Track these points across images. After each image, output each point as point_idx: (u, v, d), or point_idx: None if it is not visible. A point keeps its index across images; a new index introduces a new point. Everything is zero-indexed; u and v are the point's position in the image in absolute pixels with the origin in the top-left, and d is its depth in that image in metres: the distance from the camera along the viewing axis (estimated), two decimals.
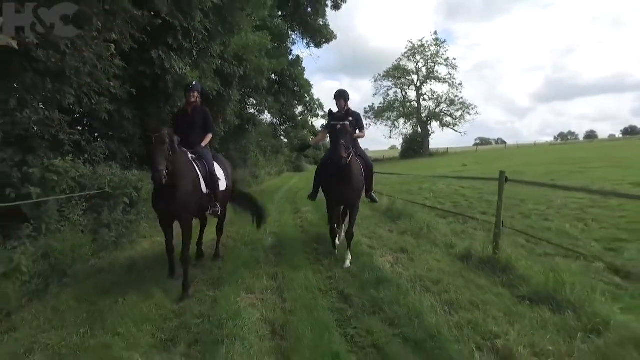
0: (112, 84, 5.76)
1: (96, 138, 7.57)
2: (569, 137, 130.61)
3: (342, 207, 5.96)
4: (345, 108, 5.54)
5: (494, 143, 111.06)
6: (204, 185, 4.87)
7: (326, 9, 18.78)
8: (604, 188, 10.21)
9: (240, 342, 3.12)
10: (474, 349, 2.87)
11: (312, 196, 5.97)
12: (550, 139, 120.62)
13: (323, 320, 3.49)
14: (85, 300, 4.16)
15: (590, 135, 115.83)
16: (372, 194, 5.93)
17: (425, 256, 5.24)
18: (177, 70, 7.57)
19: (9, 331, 3.42)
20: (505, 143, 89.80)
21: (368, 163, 5.77)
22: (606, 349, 2.66)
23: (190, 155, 4.79)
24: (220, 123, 11.92)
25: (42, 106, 4.91)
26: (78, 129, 6.91)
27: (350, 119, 5.05)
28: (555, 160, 24.12)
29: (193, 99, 5.19)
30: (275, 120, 20.21)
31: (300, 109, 19.78)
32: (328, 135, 5.24)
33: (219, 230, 5.96)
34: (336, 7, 19.32)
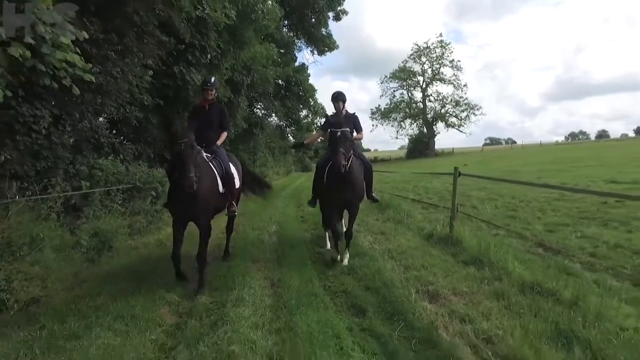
0: (144, 97, 7.07)
1: (123, 141, 8.90)
2: (580, 137, 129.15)
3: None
4: (343, 110, 5.60)
5: (504, 143, 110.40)
6: (221, 185, 4.83)
7: (328, 20, 20.06)
8: (577, 185, 11.26)
9: (248, 289, 4.33)
10: (413, 291, 4.05)
11: (312, 203, 5.93)
12: (561, 138, 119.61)
13: (309, 277, 4.71)
14: (130, 266, 5.44)
15: (602, 135, 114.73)
16: (373, 194, 5.88)
17: (399, 237, 6.42)
18: (196, 81, 8.87)
19: (81, 283, 4.70)
20: (515, 142, 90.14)
21: (367, 164, 5.67)
22: (499, 288, 3.83)
23: (205, 155, 4.75)
24: (230, 126, 13.23)
25: (91, 116, 6.18)
26: (113, 133, 8.24)
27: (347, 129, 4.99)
28: (552, 159, 24.93)
29: (210, 96, 5.14)
30: (282, 123, 21.51)
31: (304, 112, 21.07)
32: (328, 139, 5.16)
33: (229, 229, 5.87)
34: (337, 18, 20.64)
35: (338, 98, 5.57)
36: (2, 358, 2.95)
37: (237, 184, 5.37)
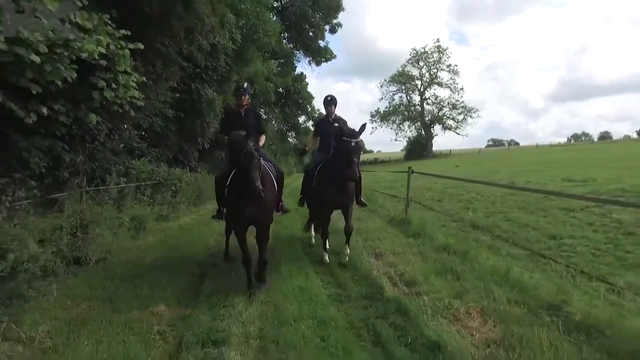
0: (168, 111, 8.90)
1: (148, 146, 10.74)
2: (583, 138, 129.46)
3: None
4: (333, 114, 5.92)
5: (506, 144, 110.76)
6: (276, 186, 4.87)
7: (325, 32, 21.97)
8: (537, 183, 12.95)
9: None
10: (365, 253, 5.78)
11: (302, 202, 6.36)
12: (564, 140, 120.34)
13: (295, 247, 6.46)
14: (162, 242, 7.22)
15: (604, 136, 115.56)
16: (362, 198, 6.04)
17: (369, 221, 8.17)
18: (208, 96, 10.69)
19: (130, 250, 6.48)
20: (518, 144, 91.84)
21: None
22: (423, 249, 5.58)
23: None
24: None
25: (130, 128, 8.01)
26: (139, 139, 10.07)
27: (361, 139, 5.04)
28: (539, 161, 26.51)
29: (244, 102, 5.29)
30: (282, 127, 23.40)
31: (303, 117, 23.00)
32: (338, 148, 5.03)
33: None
34: (333, 31, 22.56)
35: (331, 102, 5.91)
36: (98, 284, 4.72)
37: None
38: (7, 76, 3.45)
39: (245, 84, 5.62)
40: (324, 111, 6.19)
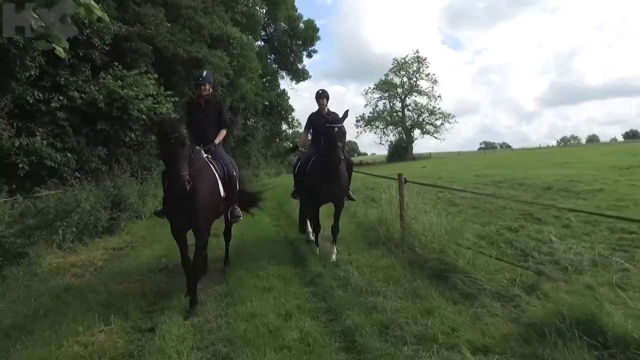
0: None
1: None
2: (572, 141, 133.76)
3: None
4: (326, 108, 6.04)
5: (499, 147, 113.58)
6: (222, 189, 4.49)
7: (303, 57, 26.70)
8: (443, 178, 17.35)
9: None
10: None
11: (296, 195, 6.71)
12: (554, 142, 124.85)
13: (267, 227, 10.82)
14: None
15: (592, 139, 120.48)
16: (349, 192, 6.10)
17: None
18: None
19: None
20: (510, 147, 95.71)
21: (349, 160, 5.95)
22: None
23: (205, 155, 4.40)
24: (230, 123, 19.75)
25: None
26: None
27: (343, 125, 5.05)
28: (488, 162, 30.46)
29: (205, 92, 4.84)
30: (268, 134, 28.04)
31: (285, 126, 27.76)
32: (323, 135, 5.12)
33: (228, 235, 5.55)
34: (309, 56, 27.30)
35: (323, 95, 6.04)
36: (157, 224, 9.06)
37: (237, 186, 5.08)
38: (129, 124, 7.98)
39: (205, 72, 5.07)
40: (311, 111, 6.43)
